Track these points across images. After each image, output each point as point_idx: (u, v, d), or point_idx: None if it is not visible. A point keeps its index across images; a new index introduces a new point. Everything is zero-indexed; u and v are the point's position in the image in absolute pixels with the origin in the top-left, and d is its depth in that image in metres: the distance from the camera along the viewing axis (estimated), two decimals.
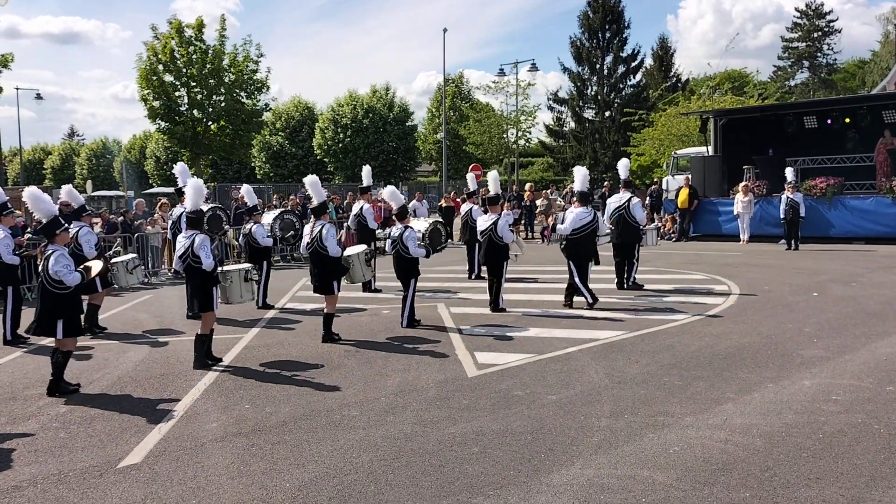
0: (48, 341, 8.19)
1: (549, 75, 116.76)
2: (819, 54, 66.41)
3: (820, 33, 65.83)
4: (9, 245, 9.72)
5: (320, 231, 9.10)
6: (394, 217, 10.43)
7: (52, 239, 7.24)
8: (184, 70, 32.78)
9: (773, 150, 22.54)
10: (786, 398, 6.35)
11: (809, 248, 18.21)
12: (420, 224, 10.73)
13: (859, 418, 5.77)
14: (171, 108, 33.11)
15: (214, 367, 8.01)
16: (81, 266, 7.51)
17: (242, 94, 34.18)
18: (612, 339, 8.85)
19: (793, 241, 18.18)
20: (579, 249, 10.96)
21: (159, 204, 18.96)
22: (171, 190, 49.05)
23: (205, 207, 11.81)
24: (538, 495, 4.58)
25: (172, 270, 15.92)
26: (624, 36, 45.21)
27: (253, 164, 55.69)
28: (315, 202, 9.48)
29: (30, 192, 7.65)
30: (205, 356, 8.09)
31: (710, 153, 23.46)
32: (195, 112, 33.56)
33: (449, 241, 11.36)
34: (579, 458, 5.14)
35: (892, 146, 19.67)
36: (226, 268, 9.11)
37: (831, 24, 65.71)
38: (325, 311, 9.28)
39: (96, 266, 7.78)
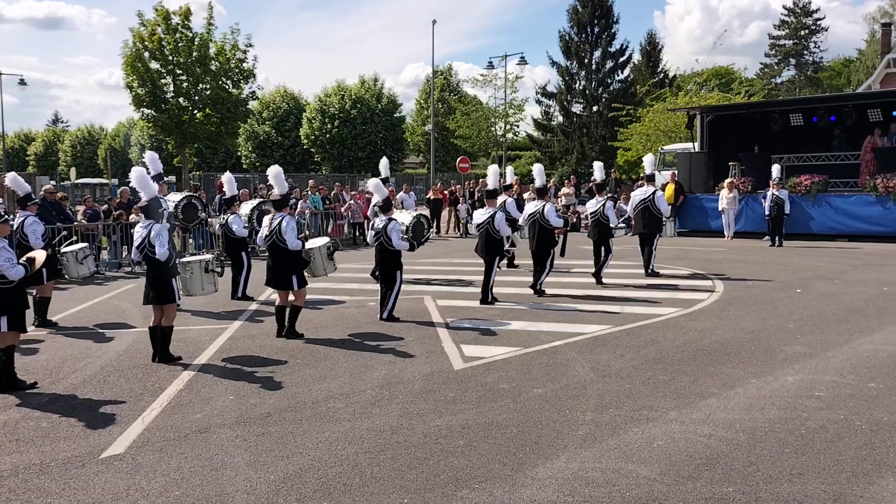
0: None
1: (537, 69, 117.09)
2: (806, 52, 66.85)
3: (807, 31, 66.25)
4: None
5: (279, 223, 8.84)
6: (377, 209, 10.31)
7: None
8: (170, 58, 32.50)
9: (759, 147, 22.65)
10: (769, 394, 6.39)
11: (793, 244, 18.35)
12: (404, 217, 10.68)
13: (841, 414, 5.82)
14: (156, 95, 32.83)
15: (198, 358, 7.96)
16: (24, 258, 7.14)
17: (229, 82, 33.94)
18: (597, 333, 8.88)
19: (777, 238, 18.34)
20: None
21: None
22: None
23: (179, 196, 11.73)
24: (523, 489, 4.59)
25: (132, 261, 15.42)
26: (612, 31, 45.36)
27: (239, 154, 55.42)
28: (276, 193, 9.22)
29: None
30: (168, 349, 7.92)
31: (697, 149, 23.56)
32: (181, 100, 33.30)
33: (432, 233, 11.38)
34: (564, 452, 5.15)
35: (878, 145, 19.82)
36: (186, 259, 8.92)
37: (818, 23, 66.17)
38: (294, 303, 8.97)
39: (40, 256, 7.42)
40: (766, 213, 18.60)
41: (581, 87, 46.21)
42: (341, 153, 50.73)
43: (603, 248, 12.74)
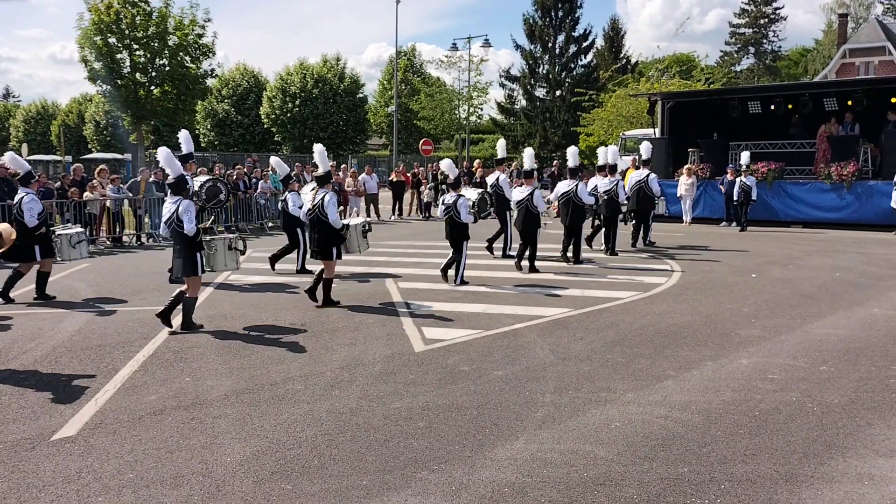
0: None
1: (500, 52, 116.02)
2: (765, 41, 67.87)
3: (766, 20, 67.23)
4: None
5: (322, 199, 9.40)
6: (447, 186, 11.63)
7: None
8: (127, 32, 31.68)
9: (718, 133, 22.96)
10: (724, 376, 6.50)
11: (750, 230, 18.70)
12: (471, 194, 11.98)
13: (794, 396, 5.95)
14: (112, 70, 32.02)
15: (154, 340, 7.83)
16: None
17: (187, 58, 33.23)
18: (557, 316, 8.93)
19: (742, 223, 18.92)
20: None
21: (98, 170, 18.34)
22: (112, 156, 47.46)
23: (204, 178, 11.92)
24: (482, 470, 4.60)
25: (160, 236, 15.74)
26: (576, 15, 45.41)
27: (197, 132, 54.36)
28: (320, 171, 9.80)
29: None
30: (191, 320, 8.33)
31: (657, 135, 23.77)
32: (137, 75, 32.53)
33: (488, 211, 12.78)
34: (523, 434, 5.18)
35: (832, 133, 20.23)
36: (211, 236, 9.29)
37: (777, 12, 67.17)
38: (325, 276, 9.57)
39: (6, 231, 7.54)
40: (735, 198, 19.06)
41: (545, 72, 46.26)
42: (302, 133, 50.10)
43: (611, 224, 14.28)
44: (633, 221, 15.85)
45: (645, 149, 16.23)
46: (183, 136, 11.09)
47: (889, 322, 8.58)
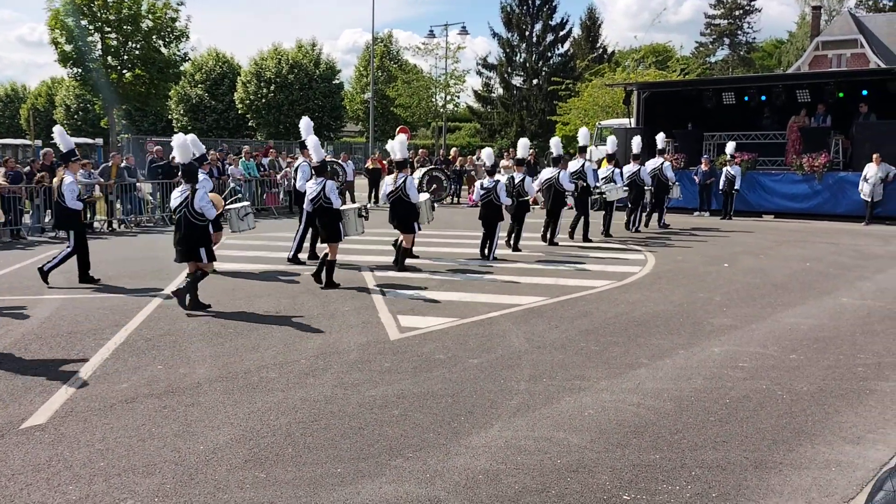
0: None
1: (477, 40, 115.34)
2: (739, 32, 68.33)
3: (741, 12, 67.63)
4: (74, 191, 10.10)
5: (404, 181, 11.10)
6: (485, 172, 13.38)
7: (193, 181, 8.48)
8: (99, 14, 31.11)
9: (693, 124, 23.14)
10: (695, 364, 6.58)
11: (723, 220, 18.92)
12: (504, 177, 13.07)
13: (764, 384, 6.04)
14: (83, 53, 31.45)
15: (126, 327, 7.74)
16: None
17: (160, 42, 32.73)
18: (532, 304, 8.97)
19: (727, 211, 19.48)
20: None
21: None
22: (83, 140, 46.73)
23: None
24: (456, 457, 4.62)
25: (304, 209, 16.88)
26: (553, 4, 45.31)
27: (170, 117, 53.63)
28: (399, 157, 11.34)
29: (179, 140, 9.04)
30: (332, 279, 9.84)
31: (633, 125, 23.89)
32: (109, 59, 31.99)
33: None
34: (498, 421, 5.20)
35: (804, 124, 20.47)
36: (344, 207, 10.38)
37: (752, 3, 67.57)
38: (404, 245, 11.17)
39: (218, 202, 9.38)
40: (720, 187, 19.52)
41: (521, 60, 46.15)
42: (277, 119, 49.62)
43: (606, 209, 15.85)
44: (652, 203, 17.54)
45: (660, 139, 17.85)
46: (303, 124, 11.33)
47: (857, 311, 8.74)
